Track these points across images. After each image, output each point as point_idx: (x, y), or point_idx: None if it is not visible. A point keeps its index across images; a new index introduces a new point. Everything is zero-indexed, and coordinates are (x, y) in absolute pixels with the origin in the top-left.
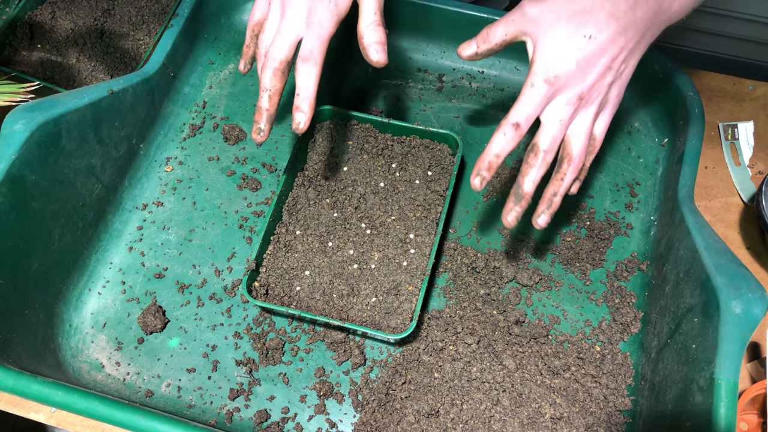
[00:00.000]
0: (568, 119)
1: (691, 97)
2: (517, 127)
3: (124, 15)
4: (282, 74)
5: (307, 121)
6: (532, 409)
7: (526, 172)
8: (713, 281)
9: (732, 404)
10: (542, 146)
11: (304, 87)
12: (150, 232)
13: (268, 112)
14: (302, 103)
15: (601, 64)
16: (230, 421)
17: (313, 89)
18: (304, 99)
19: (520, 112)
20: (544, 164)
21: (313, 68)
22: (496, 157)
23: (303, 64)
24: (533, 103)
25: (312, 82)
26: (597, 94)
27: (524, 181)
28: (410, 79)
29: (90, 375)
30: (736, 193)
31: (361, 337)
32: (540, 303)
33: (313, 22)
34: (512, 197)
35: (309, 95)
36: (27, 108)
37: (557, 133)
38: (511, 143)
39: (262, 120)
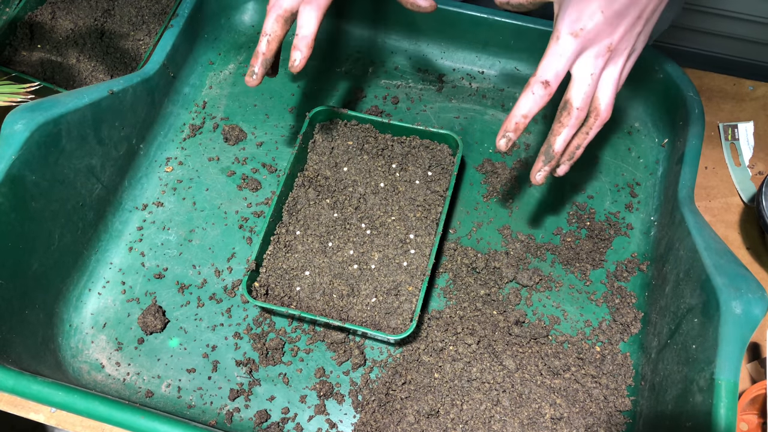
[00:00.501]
0: (599, 73)
1: (691, 98)
2: (547, 85)
3: (124, 15)
4: (285, 22)
5: (302, 60)
6: (532, 410)
7: (558, 131)
8: (713, 281)
9: (732, 404)
10: (575, 103)
11: (304, 26)
12: (150, 232)
13: (264, 56)
14: (300, 42)
15: (631, 15)
16: (230, 421)
17: (312, 30)
18: (302, 38)
19: (548, 68)
20: (577, 122)
21: (315, 11)
22: (524, 117)
23: (306, 6)
24: (561, 57)
25: (313, 23)
26: (626, 44)
27: (555, 141)
28: (410, 80)
29: (90, 375)
30: (736, 194)
31: (361, 338)
32: (540, 303)
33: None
34: (542, 156)
35: (308, 35)
36: (27, 108)
37: (590, 88)
38: (540, 102)
39: (257, 63)
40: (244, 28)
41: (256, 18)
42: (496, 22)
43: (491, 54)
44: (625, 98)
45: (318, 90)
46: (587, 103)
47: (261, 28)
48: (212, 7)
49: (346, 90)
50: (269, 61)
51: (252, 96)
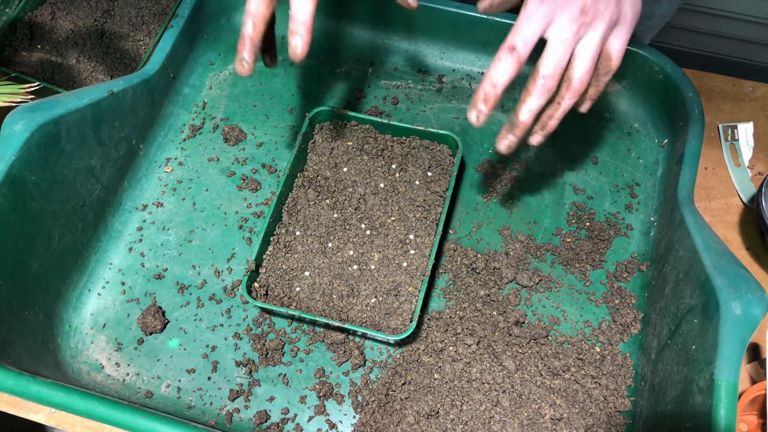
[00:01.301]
0: (572, 38)
1: (691, 98)
2: (513, 50)
3: (124, 16)
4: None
5: (304, 46)
6: (531, 410)
7: (524, 99)
8: (713, 282)
9: (732, 405)
10: (542, 71)
11: (299, 11)
12: (150, 232)
13: (251, 40)
14: (298, 27)
15: None
16: (230, 421)
17: (309, 11)
18: (300, 22)
19: (515, 35)
20: (544, 91)
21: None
22: (493, 87)
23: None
24: (529, 22)
25: (307, 6)
26: (604, 6)
27: (521, 110)
28: (410, 80)
29: (89, 376)
30: (736, 194)
31: (361, 338)
32: (540, 304)
33: None
34: (507, 125)
35: (306, 18)
36: (27, 109)
37: (560, 55)
38: (509, 70)
39: (245, 49)
40: None
41: None
42: (496, 22)
43: (491, 54)
44: (625, 99)
45: (318, 90)
46: (557, 72)
47: None
48: (212, 8)
49: (345, 90)
50: (258, 46)
51: (252, 96)
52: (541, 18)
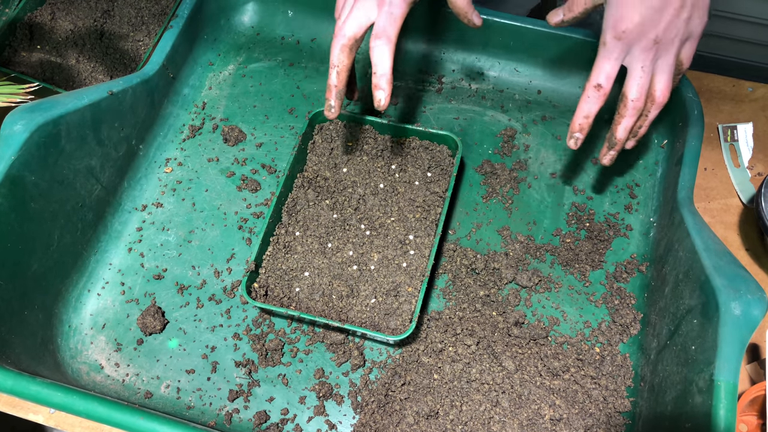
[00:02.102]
0: (649, 64)
1: (691, 99)
2: (599, 87)
3: (124, 16)
4: (350, 51)
5: (387, 98)
6: (531, 411)
7: (618, 122)
8: (712, 283)
9: (731, 406)
10: (630, 96)
11: (379, 64)
12: (149, 233)
13: (337, 88)
14: (380, 81)
15: (672, 6)
16: (229, 422)
17: (389, 66)
18: (381, 76)
19: (599, 73)
20: (634, 112)
21: (386, 45)
22: (586, 118)
23: (376, 41)
24: (608, 60)
25: (387, 59)
26: (675, 32)
27: (617, 130)
28: (410, 81)
29: (89, 376)
30: (736, 195)
31: (361, 339)
32: (539, 304)
33: (384, 3)
34: (607, 143)
35: (386, 72)
36: (26, 109)
37: (642, 80)
38: (598, 102)
39: (332, 97)
40: (243, 29)
41: (255, 19)
42: (496, 23)
43: (491, 55)
44: None
45: (318, 91)
46: (642, 94)
47: (260, 28)
48: (212, 8)
49: None
50: (343, 92)
51: (251, 97)
52: (618, 54)
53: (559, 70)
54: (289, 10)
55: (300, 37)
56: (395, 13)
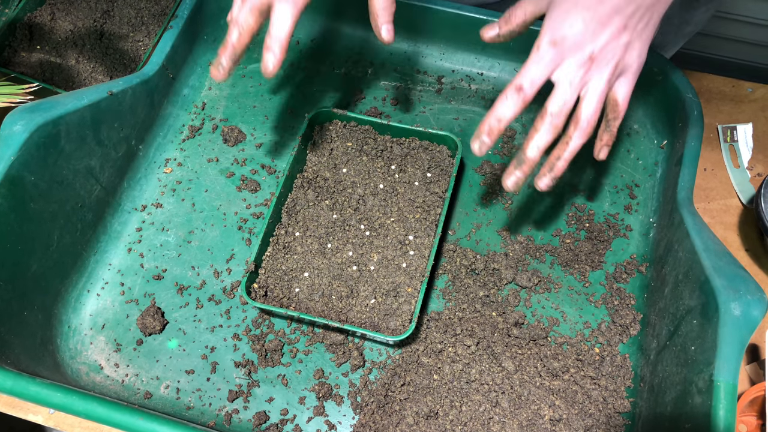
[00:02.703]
0: (579, 82)
1: (690, 99)
2: (520, 89)
3: (124, 16)
4: (260, 14)
5: (276, 63)
6: (531, 411)
7: (531, 136)
8: (712, 283)
9: (731, 406)
10: (550, 109)
11: (277, 25)
12: (149, 233)
13: (234, 48)
14: (273, 43)
15: (614, 24)
16: (229, 422)
17: (287, 29)
18: (275, 39)
19: (524, 75)
20: (552, 129)
21: (290, 8)
22: (498, 121)
23: (281, 3)
24: (538, 65)
25: (287, 22)
26: (612, 54)
27: (528, 146)
28: (409, 81)
29: (89, 376)
30: (735, 195)
31: (360, 339)
32: (539, 305)
33: None
34: (514, 161)
35: (282, 36)
36: (26, 109)
37: (568, 96)
38: (513, 107)
39: (226, 54)
40: None
41: None
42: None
43: (490, 56)
44: None
45: (317, 91)
46: (563, 111)
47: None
48: (211, 9)
49: (345, 91)
50: (239, 55)
51: (251, 97)
52: (550, 61)
53: None
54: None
55: (300, 38)
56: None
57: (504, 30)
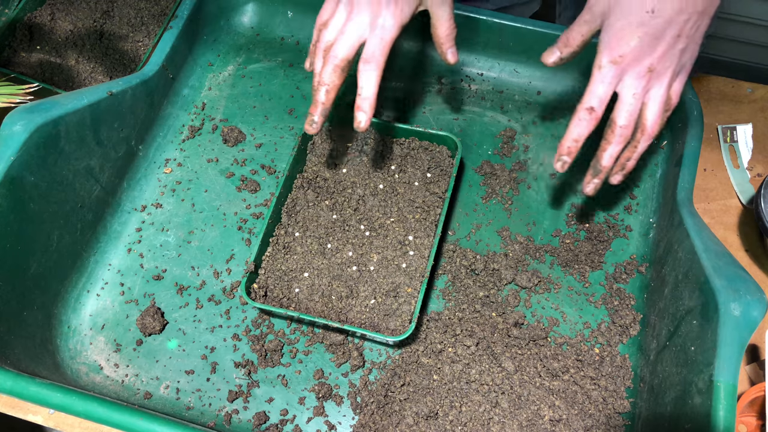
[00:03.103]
0: (641, 92)
1: (690, 100)
2: (592, 111)
3: (124, 17)
4: (342, 71)
5: (367, 120)
6: (531, 412)
7: (604, 147)
8: (712, 283)
9: (731, 406)
10: (618, 122)
11: (365, 87)
12: (149, 233)
13: (323, 105)
14: (363, 103)
15: (669, 35)
16: (229, 423)
17: (373, 90)
18: (365, 99)
19: (592, 96)
20: (621, 139)
21: (374, 70)
22: (575, 141)
23: (365, 65)
24: (603, 84)
25: (373, 83)
26: (669, 63)
27: (602, 156)
28: (409, 82)
29: (88, 377)
30: (735, 196)
31: (360, 339)
32: (539, 305)
33: (377, 25)
34: (591, 170)
35: (370, 95)
36: (26, 109)
37: (632, 107)
38: (588, 126)
39: (317, 112)
40: (243, 29)
41: (255, 20)
42: (495, 24)
43: (490, 56)
44: None
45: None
46: (631, 121)
47: (260, 29)
48: (211, 9)
49: (344, 92)
50: (328, 110)
51: (251, 98)
52: (612, 78)
53: (559, 71)
54: (288, 11)
55: (300, 38)
56: (386, 38)
57: (565, 53)
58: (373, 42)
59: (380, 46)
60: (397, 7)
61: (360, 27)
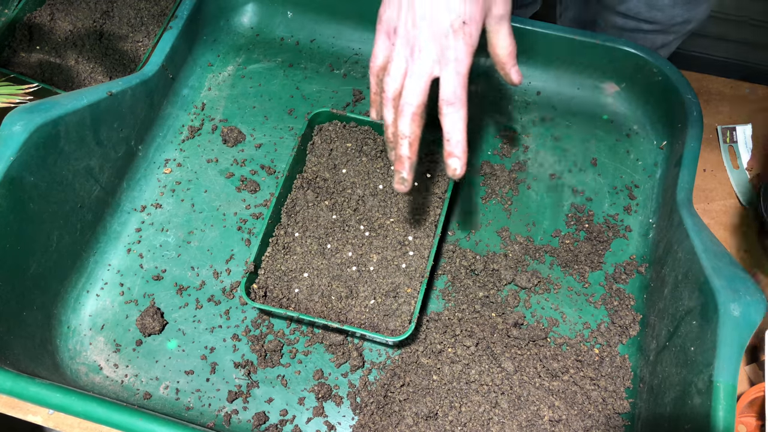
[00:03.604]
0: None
1: (690, 100)
2: None
3: (123, 17)
4: (420, 118)
5: (463, 166)
6: (530, 412)
7: None
8: (711, 284)
9: (730, 407)
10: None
11: (453, 131)
12: (148, 233)
13: (410, 160)
14: (455, 149)
15: None
16: (228, 423)
17: (463, 132)
18: (456, 144)
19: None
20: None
21: (459, 111)
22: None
23: (448, 108)
24: None
25: (461, 126)
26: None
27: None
28: None
29: (88, 377)
30: (735, 196)
31: (360, 340)
32: (539, 305)
33: (448, 58)
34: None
35: (461, 139)
36: (26, 109)
37: None
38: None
39: (405, 169)
40: (243, 30)
41: (254, 20)
42: None
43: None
44: (624, 101)
45: (317, 92)
46: None
47: (260, 29)
48: (211, 9)
49: (344, 92)
50: (415, 163)
51: (251, 98)
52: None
53: (559, 71)
54: (288, 11)
55: (299, 38)
56: (462, 71)
57: None
58: (449, 79)
59: (459, 82)
60: (466, 34)
61: (427, 64)
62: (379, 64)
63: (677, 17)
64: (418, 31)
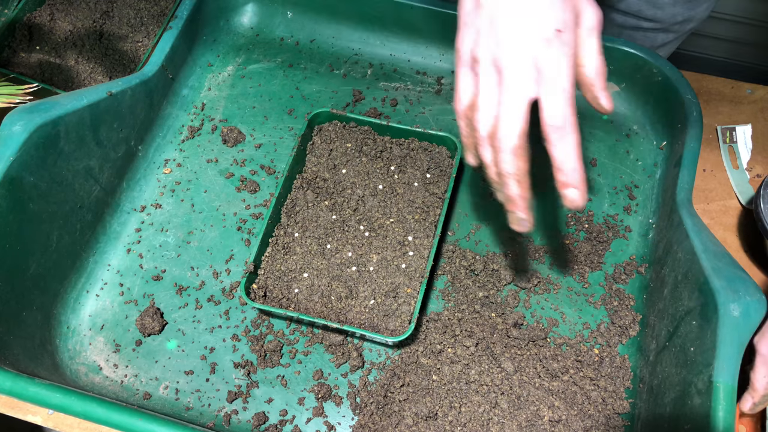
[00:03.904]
0: None
1: (690, 100)
2: None
3: (123, 17)
4: (524, 151)
5: (583, 195)
6: (530, 412)
7: None
8: (711, 284)
9: (730, 407)
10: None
11: (567, 160)
12: (148, 234)
13: (522, 197)
14: (570, 178)
15: None
16: (228, 423)
17: (577, 160)
18: (571, 172)
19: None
20: None
21: (570, 135)
22: None
23: (557, 133)
24: None
25: (574, 153)
26: None
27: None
28: (409, 82)
29: (87, 377)
30: (735, 196)
31: (360, 340)
32: (538, 306)
33: (548, 78)
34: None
35: (576, 167)
36: (25, 109)
37: None
38: None
39: (520, 209)
40: (243, 30)
41: (254, 20)
42: None
43: None
44: (624, 101)
45: (316, 92)
46: None
47: (260, 29)
48: (211, 9)
49: (344, 92)
50: (529, 199)
51: (251, 98)
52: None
53: None
54: (288, 12)
55: (299, 38)
56: (566, 86)
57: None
58: (551, 99)
59: (564, 100)
60: (563, 44)
61: (521, 86)
62: (466, 104)
63: (678, 16)
64: (503, 50)
